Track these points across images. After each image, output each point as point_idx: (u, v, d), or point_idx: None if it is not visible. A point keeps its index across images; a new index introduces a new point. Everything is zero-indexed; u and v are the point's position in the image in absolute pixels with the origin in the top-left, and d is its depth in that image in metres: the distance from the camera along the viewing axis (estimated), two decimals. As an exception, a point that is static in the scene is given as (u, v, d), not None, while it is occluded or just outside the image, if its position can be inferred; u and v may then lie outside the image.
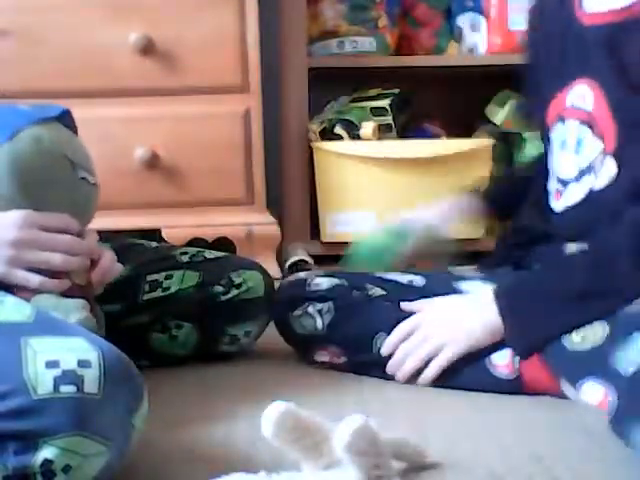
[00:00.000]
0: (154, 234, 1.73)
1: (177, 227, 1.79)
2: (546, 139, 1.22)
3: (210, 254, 1.31)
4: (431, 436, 0.98)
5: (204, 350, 1.27)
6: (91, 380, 0.77)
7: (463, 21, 2.14)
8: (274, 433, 0.78)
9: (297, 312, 1.23)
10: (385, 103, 2.05)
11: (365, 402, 1.12)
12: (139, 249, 1.30)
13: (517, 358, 1.09)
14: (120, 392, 0.79)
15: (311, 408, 0.80)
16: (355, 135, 2.00)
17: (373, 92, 2.10)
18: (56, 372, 0.77)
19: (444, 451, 0.94)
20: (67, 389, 0.76)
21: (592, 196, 1.11)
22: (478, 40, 2.12)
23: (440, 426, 1.02)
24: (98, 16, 1.75)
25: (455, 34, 2.15)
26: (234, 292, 1.26)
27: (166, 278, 1.25)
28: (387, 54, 2.11)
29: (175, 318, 1.24)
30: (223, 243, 1.79)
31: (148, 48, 1.76)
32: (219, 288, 1.25)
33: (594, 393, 0.98)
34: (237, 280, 1.26)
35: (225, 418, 1.06)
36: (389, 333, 1.17)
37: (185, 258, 1.28)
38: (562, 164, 1.17)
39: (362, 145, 1.95)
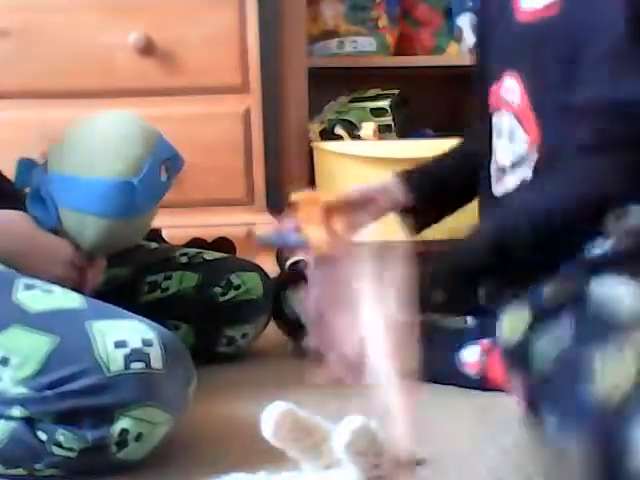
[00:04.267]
0: (154, 234, 1.72)
1: (177, 227, 1.79)
2: (488, 123, 1.22)
3: (209, 255, 1.31)
4: (431, 436, 0.98)
5: (201, 352, 1.26)
6: (156, 357, 0.86)
7: (463, 21, 2.14)
8: (274, 433, 0.78)
9: (289, 292, 1.29)
10: (385, 104, 2.05)
11: (365, 402, 1.12)
12: (139, 250, 1.30)
13: (484, 357, 1.11)
14: (178, 367, 0.90)
15: (311, 408, 0.80)
16: (355, 135, 2.00)
17: (372, 92, 2.10)
18: (125, 351, 0.85)
19: (444, 451, 0.94)
20: (137, 366, 0.85)
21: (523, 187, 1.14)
22: (478, 40, 2.12)
23: (440, 426, 1.02)
24: (98, 16, 1.75)
25: (455, 34, 2.15)
26: (233, 293, 1.26)
27: (165, 279, 1.26)
28: (387, 54, 2.11)
29: (173, 319, 1.24)
30: (223, 243, 1.79)
31: (148, 48, 1.76)
32: (218, 289, 1.25)
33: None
34: (236, 281, 1.26)
35: (224, 418, 1.06)
36: None
37: (184, 259, 1.29)
38: (499, 151, 1.18)
39: (362, 145, 1.95)
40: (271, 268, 1.38)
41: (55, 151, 1.08)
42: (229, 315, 1.26)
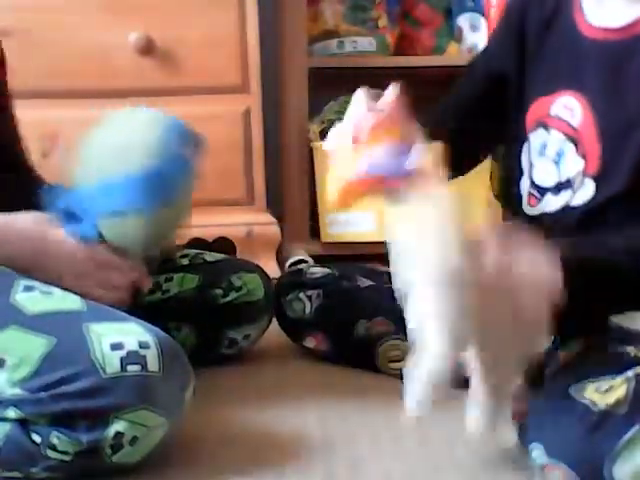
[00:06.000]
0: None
1: (177, 227, 1.79)
2: (520, 140, 1.12)
3: (210, 257, 1.31)
4: (431, 436, 0.99)
5: (203, 353, 1.26)
6: (152, 359, 0.86)
7: (463, 21, 2.14)
8: None
9: (290, 296, 1.30)
10: (385, 103, 2.05)
11: (365, 403, 1.12)
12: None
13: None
14: (174, 370, 0.89)
15: (311, 408, 0.81)
16: (355, 135, 2.00)
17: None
18: (121, 353, 0.85)
19: (444, 451, 0.94)
20: (133, 368, 0.85)
21: (567, 211, 1.04)
22: (478, 40, 2.12)
23: (440, 426, 1.02)
24: (98, 16, 1.75)
25: (455, 34, 2.15)
26: (233, 295, 1.26)
27: (166, 281, 1.25)
28: (387, 54, 2.10)
29: (174, 321, 1.24)
30: (223, 243, 1.79)
31: (148, 48, 1.75)
32: (219, 291, 1.25)
33: None
34: (237, 283, 1.26)
35: (225, 421, 1.06)
36: (369, 320, 1.24)
37: (185, 261, 1.29)
38: (539, 171, 1.08)
39: (362, 145, 1.95)
40: (271, 269, 1.38)
41: (77, 164, 1.05)
42: (230, 317, 1.26)
